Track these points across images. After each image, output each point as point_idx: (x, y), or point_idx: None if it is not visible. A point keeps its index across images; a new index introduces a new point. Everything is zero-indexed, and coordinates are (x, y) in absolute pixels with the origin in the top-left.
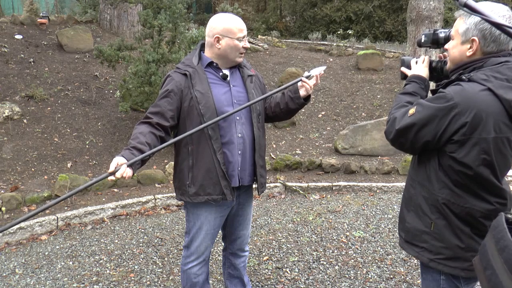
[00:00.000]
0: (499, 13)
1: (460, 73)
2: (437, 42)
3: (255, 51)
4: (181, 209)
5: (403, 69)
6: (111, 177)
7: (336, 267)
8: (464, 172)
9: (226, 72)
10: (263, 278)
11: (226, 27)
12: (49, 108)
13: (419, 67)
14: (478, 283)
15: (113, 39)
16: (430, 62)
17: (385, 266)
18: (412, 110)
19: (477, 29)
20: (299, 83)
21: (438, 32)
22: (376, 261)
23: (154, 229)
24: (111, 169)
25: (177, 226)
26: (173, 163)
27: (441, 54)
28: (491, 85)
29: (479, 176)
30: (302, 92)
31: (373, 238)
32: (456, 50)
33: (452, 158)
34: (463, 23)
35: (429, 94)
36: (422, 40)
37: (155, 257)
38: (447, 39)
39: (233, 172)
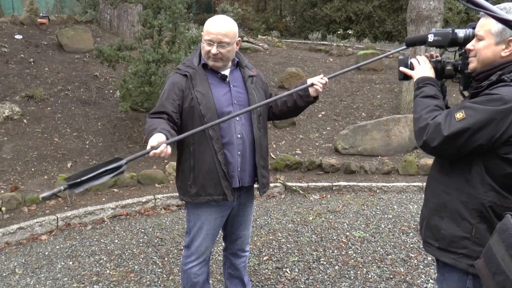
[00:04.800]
0: None
1: (499, 74)
2: (455, 43)
3: (255, 51)
4: (181, 209)
5: (404, 69)
6: (153, 151)
7: (336, 267)
8: None
9: (225, 72)
10: (263, 278)
11: (204, 26)
12: (49, 108)
13: (426, 69)
14: None
15: (113, 39)
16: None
17: (385, 266)
18: (460, 115)
19: None
20: (308, 81)
21: (456, 31)
22: (376, 261)
23: (154, 229)
24: (152, 143)
25: (177, 226)
26: (173, 163)
27: (427, 54)
28: None
29: None
30: (311, 90)
31: (373, 238)
32: (489, 50)
33: (505, 159)
34: (496, 23)
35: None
36: (431, 39)
37: (155, 257)
38: (468, 39)
39: (233, 173)
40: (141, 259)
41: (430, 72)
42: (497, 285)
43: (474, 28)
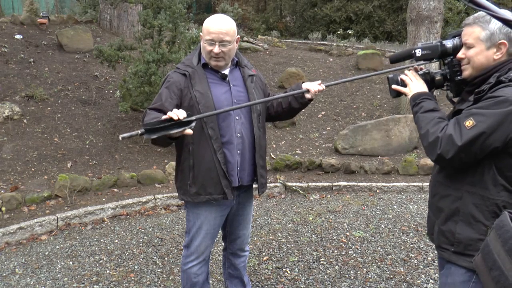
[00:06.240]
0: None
1: (497, 76)
2: (445, 54)
3: (255, 51)
4: (181, 209)
5: (397, 87)
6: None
7: (336, 267)
8: None
9: (225, 72)
10: (263, 278)
11: (203, 26)
12: (49, 108)
13: (419, 84)
14: None
15: (113, 39)
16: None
17: (385, 266)
18: (470, 122)
19: (502, 33)
20: (303, 87)
21: (444, 43)
22: (376, 261)
23: (154, 229)
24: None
25: (177, 226)
26: (173, 163)
27: (412, 68)
28: None
29: None
30: (307, 95)
31: (373, 238)
32: (481, 56)
33: None
34: (483, 30)
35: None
36: (420, 54)
37: (155, 257)
38: (456, 48)
39: (232, 172)
40: (141, 259)
41: (423, 87)
42: (492, 280)
43: (455, 36)
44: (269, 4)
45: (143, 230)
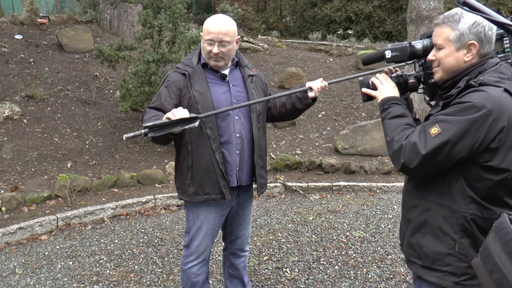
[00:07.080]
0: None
1: (467, 80)
2: (415, 55)
3: (255, 51)
4: (181, 209)
5: (368, 90)
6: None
7: (336, 267)
8: (499, 180)
9: (225, 72)
10: (263, 278)
11: (204, 26)
12: (49, 108)
13: (389, 88)
14: None
15: (113, 39)
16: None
17: (385, 266)
18: (435, 130)
19: (472, 34)
20: (307, 85)
21: (413, 44)
22: (376, 261)
23: (154, 229)
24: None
25: (177, 226)
26: (173, 163)
27: (386, 69)
28: (505, 86)
29: None
30: (310, 94)
31: (373, 238)
32: (451, 58)
33: (486, 168)
34: (452, 30)
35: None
36: (389, 55)
37: (155, 257)
38: (426, 49)
39: (231, 172)
40: (141, 259)
41: (393, 91)
42: (493, 282)
43: (428, 37)
44: (269, 4)
45: (143, 230)
